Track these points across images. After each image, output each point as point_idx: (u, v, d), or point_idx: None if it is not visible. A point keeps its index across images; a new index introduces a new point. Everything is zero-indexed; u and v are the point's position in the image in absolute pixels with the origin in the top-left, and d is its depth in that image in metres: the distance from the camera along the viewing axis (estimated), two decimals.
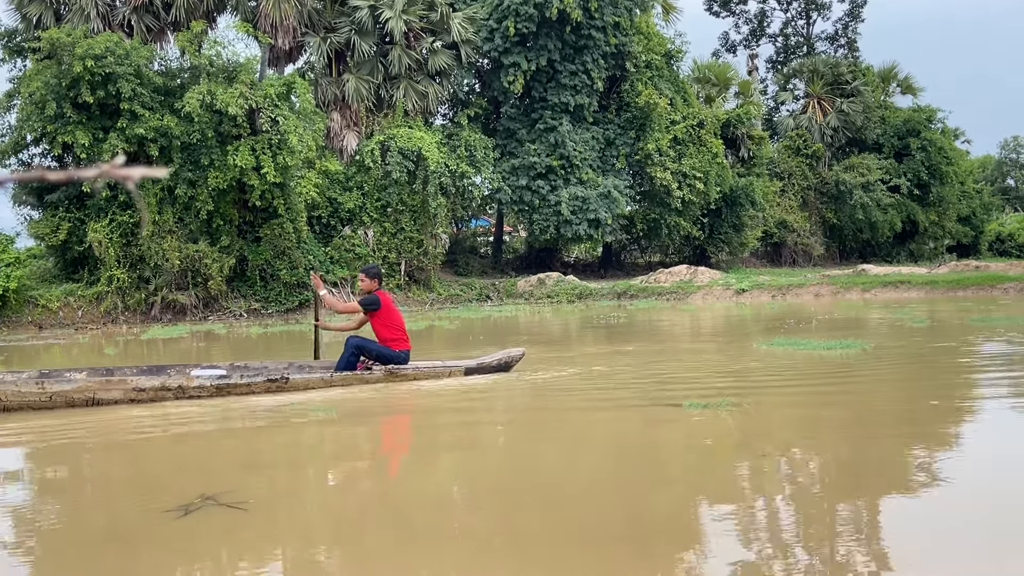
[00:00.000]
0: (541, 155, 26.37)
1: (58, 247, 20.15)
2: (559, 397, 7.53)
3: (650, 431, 6.00)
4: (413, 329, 15.87)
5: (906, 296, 21.03)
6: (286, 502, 4.56)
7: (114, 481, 5.07)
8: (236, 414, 6.92)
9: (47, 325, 18.70)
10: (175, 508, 4.15)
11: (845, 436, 5.66)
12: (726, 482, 4.64)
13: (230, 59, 20.44)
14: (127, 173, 1.35)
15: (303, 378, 7.90)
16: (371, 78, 25.36)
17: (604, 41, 26.40)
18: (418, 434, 6.44)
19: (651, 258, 34.00)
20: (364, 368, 8.21)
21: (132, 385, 7.37)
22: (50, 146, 19.48)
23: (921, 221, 38.54)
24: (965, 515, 3.93)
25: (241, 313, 20.46)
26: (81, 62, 18.32)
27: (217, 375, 7.93)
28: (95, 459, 5.64)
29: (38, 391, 7.10)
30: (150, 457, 5.66)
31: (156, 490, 4.75)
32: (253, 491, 4.59)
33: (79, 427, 6.54)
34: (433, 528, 3.97)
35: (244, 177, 19.47)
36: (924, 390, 7.30)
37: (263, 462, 5.48)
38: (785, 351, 10.07)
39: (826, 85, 38.06)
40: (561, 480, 4.86)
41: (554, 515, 4.12)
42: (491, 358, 8.82)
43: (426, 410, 7.27)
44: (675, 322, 16.59)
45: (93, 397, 7.22)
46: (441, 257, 25.46)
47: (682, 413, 6.31)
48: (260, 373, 8.23)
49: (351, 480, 5.14)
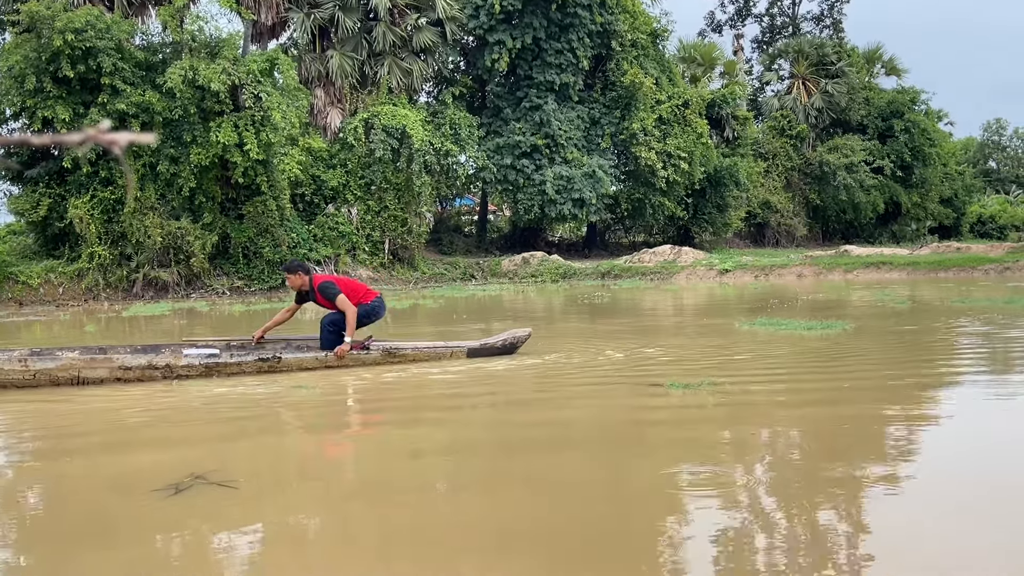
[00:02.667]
0: (526, 134, 26.31)
1: (38, 223, 19.98)
2: (537, 378, 7.55)
3: (632, 412, 6.04)
4: (397, 308, 15.90)
5: (888, 277, 21.18)
6: (275, 480, 4.56)
7: (99, 461, 5.06)
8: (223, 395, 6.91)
9: (27, 302, 18.57)
10: (165, 487, 4.15)
11: (823, 415, 5.72)
12: (703, 460, 4.67)
13: (213, 34, 20.24)
14: (113, 138, 1.35)
15: (296, 358, 7.76)
16: (355, 55, 25.19)
17: (590, 19, 26.30)
18: (403, 413, 6.44)
19: (635, 238, 34.05)
20: (360, 348, 8.06)
21: (118, 363, 7.23)
22: (30, 121, 19.26)
23: (904, 202, 38.75)
24: (944, 493, 3.98)
25: (224, 291, 20.38)
26: (61, 36, 18.09)
27: (207, 354, 7.73)
28: (77, 439, 5.61)
29: (21, 369, 7.00)
30: (135, 436, 5.64)
31: (143, 470, 4.74)
32: (242, 470, 4.59)
33: (59, 406, 6.52)
34: (420, 507, 3.99)
35: (227, 154, 19.33)
36: (904, 369, 7.36)
37: (249, 442, 5.47)
38: (767, 331, 10.12)
39: (811, 66, 38.08)
40: (542, 462, 4.89)
41: (541, 497, 4.15)
42: (495, 339, 8.57)
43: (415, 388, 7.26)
44: (658, 302, 16.64)
45: (78, 376, 7.11)
46: (425, 236, 25.41)
47: (664, 393, 6.35)
48: (251, 352, 8.06)
49: (338, 457, 5.15)
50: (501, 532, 3.64)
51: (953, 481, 4.18)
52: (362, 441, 5.62)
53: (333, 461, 5.10)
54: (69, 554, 3.47)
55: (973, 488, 4.04)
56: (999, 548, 3.30)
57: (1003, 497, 3.89)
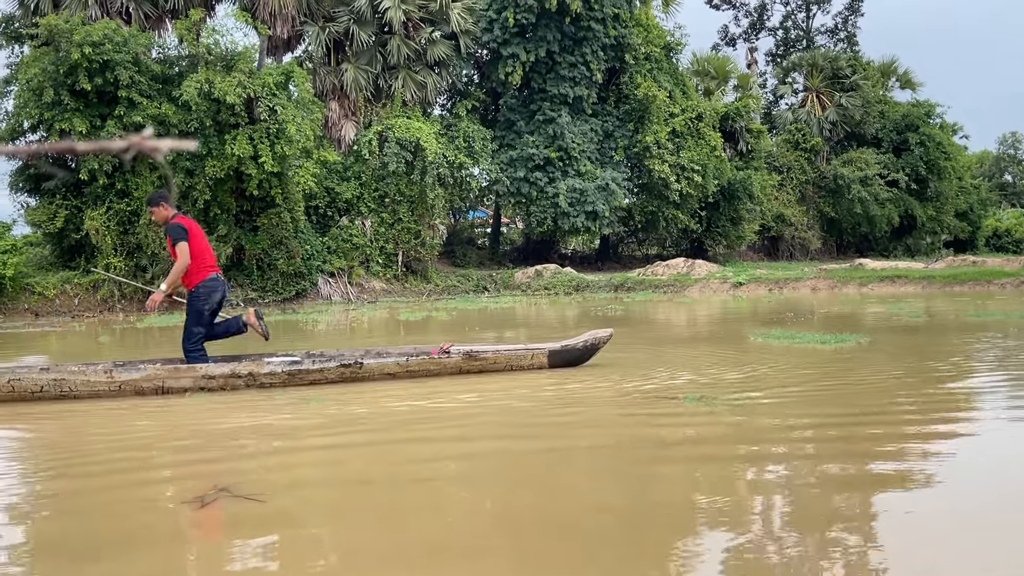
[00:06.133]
0: (539, 147, 26.36)
1: (55, 234, 20.11)
2: (543, 390, 7.52)
3: (646, 426, 6.01)
4: (411, 319, 15.92)
5: (903, 290, 21.06)
6: (301, 494, 4.49)
7: (120, 472, 5.06)
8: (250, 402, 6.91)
9: (43, 312, 18.68)
10: (191, 499, 4.15)
11: (839, 430, 5.67)
12: (719, 476, 4.64)
13: (228, 48, 20.38)
14: (155, 145, 1.37)
15: (378, 363, 7.69)
16: (369, 68, 25.32)
17: (603, 33, 26.37)
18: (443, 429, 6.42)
19: (648, 251, 34.01)
20: (442, 352, 7.99)
21: (202, 373, 7.28)
22: (47, 133, 19.41)
23: (919, 216, 38.56)
24: (964, 513, 3.94)
25: (238, 302, 20.44)
26: (79, 49, 18.25)
27: (289, 361, 7.74)
28: (99, 450, 5.63)
29: (107, 380, 7.08)
30: (156, 448, 5.65)
31: (166, 482, 4.75)
32: (267, 483, 4.55)
33: (78, 417, 6.54)
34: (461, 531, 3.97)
35: (242, 166, 19.44)
36: (919, 383, 7.31)
37: (273, 455, 5.47)
38: (781, 344, 10.08)
39: (825, 79, 38.03)
40: (557, 472, 4.87)
41: (547, 505, 4.13)
42: (576, 340, 8.42)
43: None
44: (672, 314, 16.60)
45: (162, 386, 7.18)
46: (438, 248, 25.45)
47: (679, 407, 6.32)
48: (333, 359, 8.03)
49: (374, 476, 5.13)
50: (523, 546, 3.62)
51: (975, 500, 4.14)
52: (397, 458, 5.59)
53: (368, 481, 5.06)
54: (86, 565, 3.47)
55: (994, 506, 4.01)
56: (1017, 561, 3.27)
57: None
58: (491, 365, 8.10)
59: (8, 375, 7.07)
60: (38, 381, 7.03)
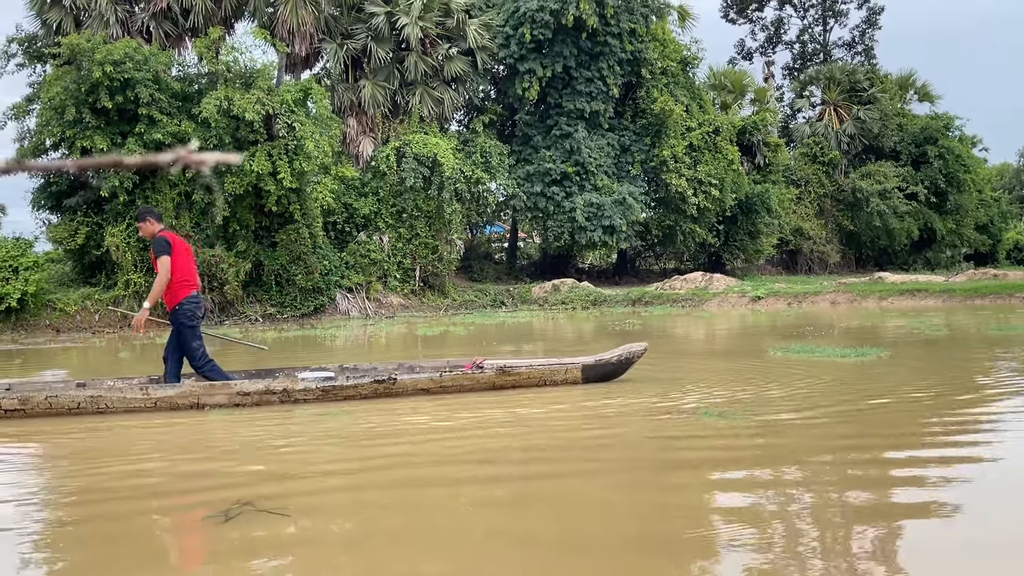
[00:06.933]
0: (556, 161, 26.39)
1: (76, 251, 20.29)
2: (563, 403, 7.50)
3: (665, 441, 5.97)
4: (427, 334, 15.93)
5: (923, 304, 20.90)
6: (327, 508, 4.47)
7: (143, 485, 5.08)
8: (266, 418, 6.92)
9: (64, 329, 18.81)
10: (216, 513, 4.16)
11: (861, 446, 5.62)
12: (738, 493, 4.61)
13: (247, 65, 20.55)
14: (201, 158, 1.39)
15: (411, 379, 7.67)
16: (387, 84, 25.45)
17: (620, 48, 26.42)
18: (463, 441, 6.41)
19: (666, 265, 33.92)
20: (475, 367, 7.92)
21: (236, 389, 7.30)
22: (69, 151, 19.61)
23: (939, 229, 38.29)
24: (987, 537, 3.89)
25: (257, 318, 20.53)
26: (100, 68, 18.45)
27: (323, 377, 7.73)
28: (119, 463, 5.65)
29: (142, 397, 7.15)
30: (179, 462, 5.67)
31: (187, 495, 4.76)
32: (289, 498, 4.54)
33: (102, 432, 6.58)
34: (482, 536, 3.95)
35: (261, 182, 19.56)
36: (943, 400, 7.23)
37: (296, 470, 5.47)
38: (801, 358, 10.02)
39: (843, 92, 37.91)
40: (575, 486, 4.85)
41: (568, 525, 4.11)
42: (610, 355, 8.38)
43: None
44: (691, 329, 16.53)
45: (197, 402, 7.22)
46: (456, 263, 25.49)
47: (697, 422, 6.28)
48: (367, 374, 8.00)
49: (392, 487, 5.12)
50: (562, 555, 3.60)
51: (1004, 528, 4.08)
52: (420, 473, 5.58)
53: (390, 505, 5.03)
54: None
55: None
56: None
57: None
58: (525, 380, 8.05)
59: (46, 392, 7.17)
60: (75, 398, 7.10)
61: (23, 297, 18.40)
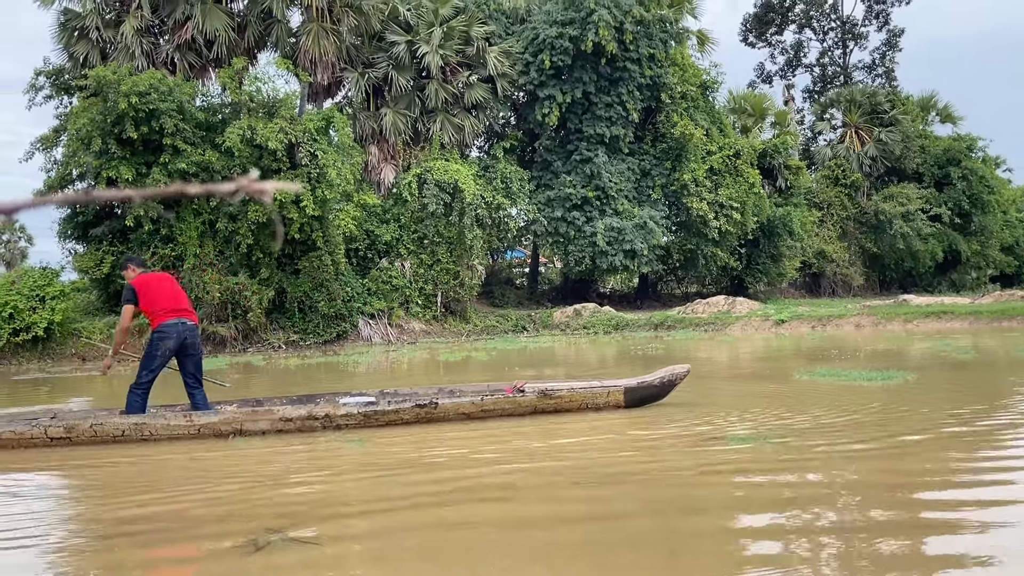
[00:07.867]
0: (577, 186, 26.44)
1: (101, 280, 20.48)
2: (582, 427, 7.45)
3: (691, 467, 5.92)
4: (450, 360, 15.92)
5: (949, 326, 20.68)
6: (358, 537, 4.42)
7: (164, 516, 5.08)
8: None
9: (90, 357, 18.95)
10: (244, 543, 4.14)
11: (889, 473, 5.55)
12: (764, 518, 4.55)
13: (270, 95, 20.79)
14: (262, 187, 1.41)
15: (453, 403, 7.61)
16: (408, 112, 25.64)
17: (639, 73, 26.50)
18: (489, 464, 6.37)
19: (688, 289, 33.80)
20: (516, 391, 7.88)
21: (279, 415, 7.31)
22: (95, 181, 19.86)
23: (963, 251, 37.97)
24: None
25: (280, 345, 20.61)
26: (126, 99, 18.71)
27: (364, 402, 7.71)
28: (150, 492, 5.66)
29: (186, 424, 7.19)
30: (208, 491, 5.67)
31: (220, 524, 4.75)
32: (320, 527, 4.50)
33: (122, 462, 6.60)
34: None
35: (283, 210, 19.70)
36: (969, 420, 7.13)
37: (325, 499, 5.46)
38: (827, 381, 9.92)
39: (864, 114, 37.81)
40: (598, 510, 4.81)
41: (595, 554, 4.07)
42: (653, 377, 8.31)
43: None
44: (714, 353, 16.43)
45: (240, 428, 7.23)
46: (477, 288, 25.51)
47: (725, 447, 6.22)
48: (408, 399, 7.97)
49: (426, 519, 5.08)
50: None
51: None
52: (448, 517, 5.54)
53: (429, 531, 4.96)
54: None
55: None
56: None
57: None
58: (566, 404, 7.95)
59: (91, 419, 7.22)
60: (120, 426, 7.14)
61: (49, 326, 18.59)
